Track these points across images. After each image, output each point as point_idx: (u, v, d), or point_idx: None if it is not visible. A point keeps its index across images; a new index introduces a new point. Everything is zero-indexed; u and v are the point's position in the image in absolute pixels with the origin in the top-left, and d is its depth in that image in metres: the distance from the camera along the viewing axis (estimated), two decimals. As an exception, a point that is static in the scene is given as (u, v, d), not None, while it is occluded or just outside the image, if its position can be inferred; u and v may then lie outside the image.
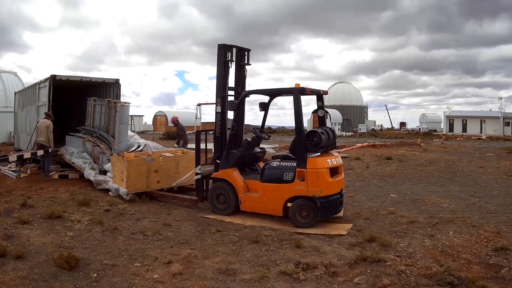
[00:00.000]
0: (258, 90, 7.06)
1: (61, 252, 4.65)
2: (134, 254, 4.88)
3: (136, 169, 7.99)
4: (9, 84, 24.91)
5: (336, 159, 6.39)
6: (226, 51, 7.01)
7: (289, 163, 6.16)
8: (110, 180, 8.55)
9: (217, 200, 6.87)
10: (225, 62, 7.00)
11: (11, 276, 4.11)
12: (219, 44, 7.01)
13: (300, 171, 6.00)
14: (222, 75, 7.02)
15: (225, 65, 7.00)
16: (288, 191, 6.10)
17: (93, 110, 11.93)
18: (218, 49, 6.98)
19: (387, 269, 4.38)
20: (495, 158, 16.38)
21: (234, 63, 7.26)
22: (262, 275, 4.25)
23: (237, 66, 7.36)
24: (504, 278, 4.21)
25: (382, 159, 15.71)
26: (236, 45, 7.19)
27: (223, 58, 6.98)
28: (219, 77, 7.03)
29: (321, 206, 5.91)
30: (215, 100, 7.11)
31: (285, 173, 6.14)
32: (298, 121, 6.21)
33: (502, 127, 44.24)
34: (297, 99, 6.20)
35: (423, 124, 58.57)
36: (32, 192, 8.38)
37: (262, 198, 6.35)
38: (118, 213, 6.84)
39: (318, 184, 5.91)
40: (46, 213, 6.44)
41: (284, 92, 6.89)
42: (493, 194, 9.04)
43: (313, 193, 5.91)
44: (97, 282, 4.08)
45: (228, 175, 6.72)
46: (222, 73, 7.01)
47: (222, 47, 6.99)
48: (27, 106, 14.20)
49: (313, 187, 5.91)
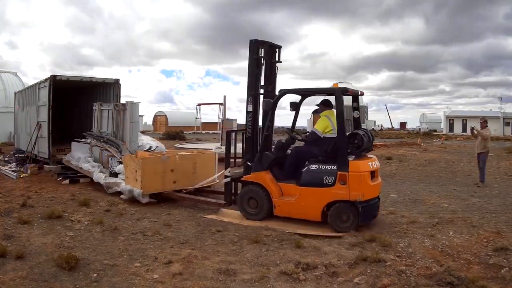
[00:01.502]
0: (296, 89, 6.76)
1: (61, 252, 4.65)
2: (134, 254, 4.88)
3: (151, 168, 7.62)
4: (9, 84, 24.88)
5: (375, 162, 6.21)
6: (258, 47, 6.68)
7: (329, 166, 5.91)
8: (122, 182, 8.21)
9: (247, 204, 6.51)
10: (258, 58, 6.69)
11: (11, 276, 4.11)
12: (251, 40, 6.69)
13: (341, 174, 5.76)
14: (254, 73, 6.71)
15: (257, 62, 6.70)
16: (328, 196, 5.85)
17: (99, 115, 11.73)
18: (250, 45, 6.67)
19: (387, 269, 4.38)
20: (495, 158, 16.39)
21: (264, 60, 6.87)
22: (262, 275, 4.25)
23: (267, 64, 6.97)
24: (504, 278, 4.21)
25: (382, 159, 15.69)
26: (268, 41, 6.85)
27: (255, 54, 6.67)
28: (251, 75, 6.71)
29: (362, 211, 5.74)
30: (246, 99, 6.74)
31: (325, 176, 5.86)
32: (341, 122, 5.98)
33: (502, 127, 44.24)
34: (339, 100, 6.01)
35: (423, 124, 58.58)
36: (32, 192, 8.38)
37: (299, 203, 6.05)
38: (118, 213, 6.84)
39: (360, 188, 5.74)
40: (46, 213, 6.44)
41: (324, 92, 6.67)
42: (493, 194, 9.04)
43: (354, 197, 5.72)
44: (97, 282, 4.08)
45: (261, 179, 6.39)
46: (255, 70, 6.70)
47: (254, 43, 6.66)
48: (27, 106, 14.20)
49: (354, 191, 5.71)
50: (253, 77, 6.73)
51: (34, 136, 12.34)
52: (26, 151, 13.01)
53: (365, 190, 5.78)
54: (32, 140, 12.48)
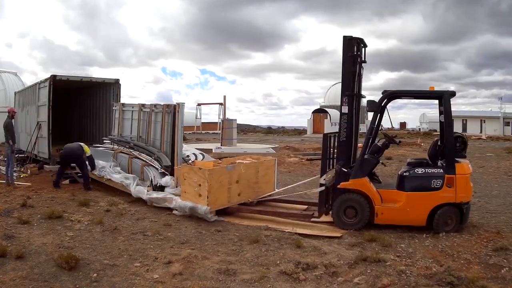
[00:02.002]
0: (403, 91, 6.53)
1: (61, 252, 4.65)
2: (134, 254, 4.88)
3: (218, 181, 6.65)
4: (9, 84, 24.91)
5: (470, 165, 6.22)
6: (353, 44, 6.37)
7: (435, 170, 5.90)
8: (176, 198, 7.09)
9: (344, 213, 6.11)
10: (353, 56, 6.36)
11: (11, 276, 4.12)
12: (344, 36, 6.38)
13: (449, 177, 5.77)
14: (350, 71, 6.33)
15: (353, 60, 6.37)
16: (435, 199, 5.80)
17: (121, 117, 10.64)
18: (344, 42, 6.34)
19: (387, 269, 4.38)
20: (495, 158, 16.38)
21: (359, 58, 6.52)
22: (262, 275, 4.26)
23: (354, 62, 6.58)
24: (504, 278, 4.21)
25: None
26: (360, 38, 6.51)
27: (351, 52, 6.33)
28: (346, 74, 6.35)
29: (466, 212, 5.84)
30: (341, 99, 6.34)
31: (433, 180, 5.82)
32: (449, 124, 5.98)
33: (502, 127, 44.24)
34: (448, 102, 6.00)
35: (423, 124, 58.57)
36: (32, 192, 8.38)
37: (404, 209, 5.88)
38: (118, 213, 6.83)
39: (465, 190, 5.81)
40: (46, 213, 6.44)
41: (433, 95, 6.48)
42: (493, 194, 9.04)
43: (460, 199, 5.76)
44: (97, 282, 4.08)
45: (363, 185, 6.06)
46: (351, 68, 6.33)
47: (349, 40, 6.34)
48: (27, 106, 14.20)
49: (461, 193, 5.76)
50: (349, 76, 6.35)
51: (34, 136, 12.33)
52: (26, 151, 13.01)
53: (469, 192, 5.91)
54: (32, 140, 12.48)
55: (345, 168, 6.19)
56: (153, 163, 8.55)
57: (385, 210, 5.97)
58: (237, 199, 7.04)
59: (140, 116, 9.93)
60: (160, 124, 9.20)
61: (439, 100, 6.31)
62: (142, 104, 10.06)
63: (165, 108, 9.03)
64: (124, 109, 10.67)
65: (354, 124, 6.41)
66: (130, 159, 9.11)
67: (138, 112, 10.04)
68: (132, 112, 10.33)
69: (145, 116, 9.81)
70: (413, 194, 5.89)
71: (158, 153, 8.83)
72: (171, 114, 8.80)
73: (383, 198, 6.02)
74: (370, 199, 6.00)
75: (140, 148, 9.40)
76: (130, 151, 9.47)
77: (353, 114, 6.35)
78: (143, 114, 9.90)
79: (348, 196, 6.10)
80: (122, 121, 10.68)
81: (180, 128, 8.55)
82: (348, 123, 6.32)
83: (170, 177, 7.97)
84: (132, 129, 10.29)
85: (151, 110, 9.55)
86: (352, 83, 6.37)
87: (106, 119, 13.76)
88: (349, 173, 6.16)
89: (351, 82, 6.37)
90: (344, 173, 6.18)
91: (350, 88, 6.37)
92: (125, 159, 9.28)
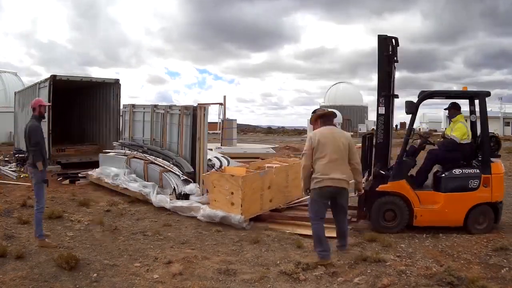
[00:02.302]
0: (439, 91, 6.53)
1: (61, 252, 4.65)
2: (134, 254, 4.88)
3: (251, 188, 6.32)
4: (9, 84, 24.92)
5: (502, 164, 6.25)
6: (388, 43, 6.27)
7: (472, 170, 5.92)
8: (203, 207, 6.66)
9: (383, 217, 6.00)
10: (389, 56, 6.24)
11: (11, 276, 4.12)
12: (379, 35, 6.30)
13: (485, 177, 5.81)
14: (386, 71, 6.22)
15: (389, 60, 6.25)
16: (472, 199, 5.82)
17: (131, 119, 10.01)
18: (379, 41, 6.25)
19: (387, 269, 4.38)
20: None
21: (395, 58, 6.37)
22: (262, 275, 4.26)
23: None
24: (504, 278, 4.21)
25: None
26: (395, 37, 6.36)
27: (386, 51, 6.22)
28: (382, 73, 6.24)
29: (499, 211, 5.89)
30: (377, 100, 6.23)
31: (471, 180, 5.85)
32: (485, 124, 6.02)
33: (502, 127, 44.22)
34: (484, 102, 6.04)
35: (423, 124, 58.57)
36: (32, 192, 8.36)
37: (442, 210, 5.87)
38: (118, 213, 6.84)
39: (500, 189, 5.87)
40: (46, 213, 6.40)
41: (467, 95, 6.46)
42: (493, 194, 9.02)
43: (496, 199, 5.81)
44: (97, 282, 4.08)
45: (402, 188, 5.98)
46: (386, 68, 6.22)
47: (384, 39, 6.24)
48: (27, 106, 14.20)
49: (496, 193, 5.82)
50: (385, 76, 6.23)
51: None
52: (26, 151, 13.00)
53: (502, 191, 5.97)
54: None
55: (383, 171, 6.12)
56: (172, 169, 8.05)
57: (424, 212, 5.91)
58: (269, 206, 6.73)
59: (153, 117, 9.39)
60: (176, 127, 8.69)
61: (470, 100, 6.38)
62: (154, 105, 9.53)
63: (183, 110, 8.48)
64: (135, 111, 10.09)
65: (390, 125, 6.35)
66: (145, 164, 8.56)
67: (150, 114, 9.47)
68: (144, 114, 9.77)
69: (159, 118, 9.26)
70: (451, 195, 5.89)
71: (177, 158, 8.33)
72: (190, 116, 8.30)
73: (420, 200, 5.97)
74: (409, 201, 5.93)
75: (155, 153, 8.85)
76: (144, 156, 8.87)
77: (389, 115, 6.24)
78: (156, 116, 9.36)
79: (387, 199, 5.99)
80: (132, 123, 10.05)
81: (205, 133, 7.94)
82: (385, 124, 6.21)
83: (195, 185, 7.56)
84: (144, 131, 9.74)
85: (166, 111, 8.99)
86: (388, 83, 6.27)
87: (106, 119, 13.77)
88: (387, 176, 6.09)
89: (387, 82, 6.26)
90: (382, 175, 6.10)
91: (386, 88, 6.25)
92: (140, 165, 8.70)
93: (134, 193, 7.88)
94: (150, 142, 9.43)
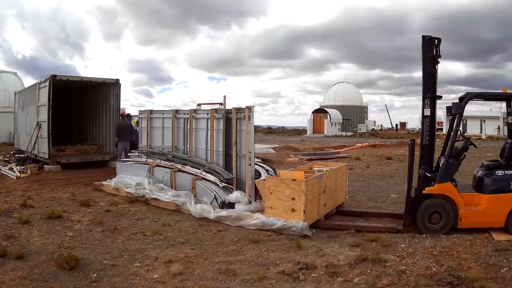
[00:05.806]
0: (483, 93, 6.52)
1: (61, 252, 4.65)
2: (134, 254, 4.88)
3: (311, 192, 6.05)
4: (9, 84, 24.92)
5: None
6: (432, 44, 6.22)
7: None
8: (254, 215, 6.31)
9: (428, 220, 5.95)
10: (433, 57, 6.21)
11: (11, 276, 4.12)
12: (423, 36, 6.24)
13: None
14: (431, 72, 6.18)
15: (433, 60, 6.22)
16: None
17: (149, 126, 9.58)
18: (423, 42, 6.19)
19: (387, 269, 4.38)
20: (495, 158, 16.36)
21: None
22: (262, 275, 4.25)
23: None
24: (504, 278, 4.21)
25: (382, 159, 15.70)
26: (438, 38, 6.31)
27: (431, 52, 6.17)
28: (427, 75, 6.21)
29: None
30: (422, 101, 6.18)
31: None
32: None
33: (502, 127, 44.21)
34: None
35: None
36: (32, 192, 8.39)
37: (486, 211, 5.88)
38: (118, 213, 6.84)
39: None
40: (46, 213, 6.45)
41: (509, 96, 6.40)
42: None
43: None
44: (97, 282, 4.08)
45: (448, 190, 5.96)
46: (431, 69, 6.18)
47: (428, 39, 6.19)
48: (27, 106, 14.21)
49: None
50: (430, 77, 6.19)
51: (34, 136, 12.34)
52: (26, 151, 13.02)
53: None
54: (32, 140, 12.49)
55: (428, 173, 6.10)
56: (206, 177, 7.59)
57: (468, 214, 5.89)
58: (323, 211, 6.48)
59: (175, 123, 8.96)
60: (204, 132, 8.32)
61: (508, 101, 6.36)
62: (176, 110, 9.10)
63: (213, 113, 8.02)
64: (153, 117, 9.54)
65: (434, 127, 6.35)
66: (173, 173, 8.04)
67: (171, 119, 9.01)
68: (163, 120, 9.30)
69: (181, 124, 8.89)
70: (495, 197, 5.89)
71: (209, 165, 7.92)
72: (222, 120, 7.87)
73: (465, 201, 5.97)
74: (455, 203, 5.90)
75: (181, 160, 8.43)
76: (171, 164, 8.41)
77: (434, 117, 6.21)
78: (177, 121, 8.97)
79: (434, 201, 5.97)
80: (150, 130, 9.57)
81: (252, 136, 7.25)
82: (431, 126, 6.17)
83: (241, 192, 7.18)
84: (164, 138, 9.30)
85: (191, 116, 8.55)
86: (432, 84, 6.25)
87: (106, 119, 13.78)
88: (433, 178, 6.08)
89: (432, 83, 6.23)
90: (428, 178, 6.09)
91: (431, 89, 6.23)
92: (166, 173, 8.20)
93: (167, 204, 7.32)
94: (171, 149, 9.04)
